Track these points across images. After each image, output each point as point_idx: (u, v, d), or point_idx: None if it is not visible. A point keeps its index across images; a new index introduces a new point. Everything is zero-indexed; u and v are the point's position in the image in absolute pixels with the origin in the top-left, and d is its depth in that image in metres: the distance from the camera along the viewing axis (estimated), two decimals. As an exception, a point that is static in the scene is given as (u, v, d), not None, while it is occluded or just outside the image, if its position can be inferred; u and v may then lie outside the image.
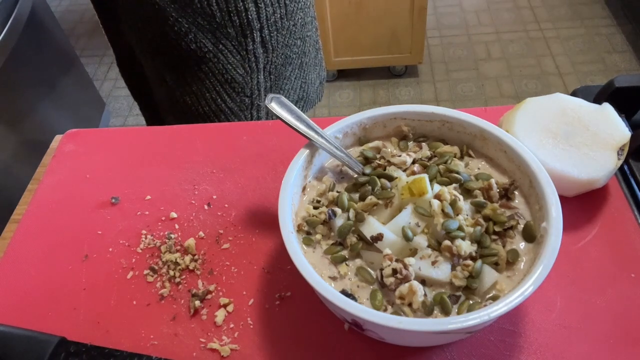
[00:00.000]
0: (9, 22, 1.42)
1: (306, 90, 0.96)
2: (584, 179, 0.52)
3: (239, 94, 0.84)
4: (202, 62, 0.80)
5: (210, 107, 0.85)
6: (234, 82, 0.83)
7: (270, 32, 0.80)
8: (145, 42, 0.82)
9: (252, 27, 0.77)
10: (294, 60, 0.88)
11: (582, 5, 2.53)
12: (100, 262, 0.56)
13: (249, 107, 0.87)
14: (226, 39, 0.78)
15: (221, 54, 0.79)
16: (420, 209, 0.46)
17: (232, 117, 0.87)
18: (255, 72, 0.83)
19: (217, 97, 0.84)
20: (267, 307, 0.51)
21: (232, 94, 0.84)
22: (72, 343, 0.47)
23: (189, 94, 0.85)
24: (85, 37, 2.62)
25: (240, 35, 0.78)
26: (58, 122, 1.69)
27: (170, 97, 0.88)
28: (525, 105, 0.58)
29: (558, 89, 2.13)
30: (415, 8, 1.96)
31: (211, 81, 0.82)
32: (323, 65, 1.02)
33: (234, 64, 0.81)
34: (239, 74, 0.82)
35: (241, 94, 0.84)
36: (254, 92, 0.85)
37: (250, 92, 0.85)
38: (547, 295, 0.49)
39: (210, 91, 0.83)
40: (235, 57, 0.80)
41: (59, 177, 0.65)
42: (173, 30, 0.76)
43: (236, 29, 0.77)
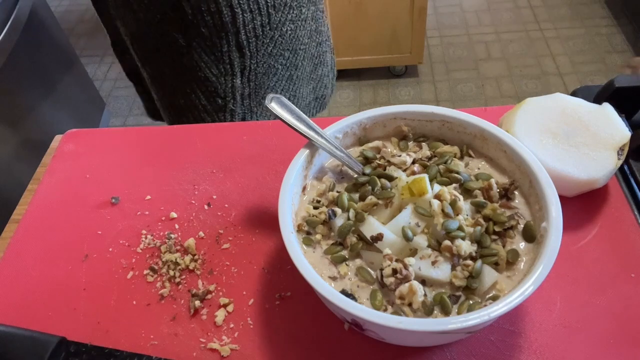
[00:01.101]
0: (9, 22, 1.42)
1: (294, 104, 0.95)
2: (584, 179, 0.52)
3: (212, 94, 0.83)
4: (176, 56, 0.79)
5: (185, 101, 0.84)
6: (207, 81, 0.82)
7: (248, 38, 0.78)
8: (126, 28, 0.82)
9: (226, 29, 0.76)
10: (280, 72, 0.86)
11: (582, 5, 2.53)
12: (100, 262, 0.56)
13: (222, 109, 0.85)
14: (200, 38, 0.77)
15: (195, 51, 0.78)
16: (420, 209, 0.46)
17: (204, 114, 0.86)
18: (230, 74, 0.81)
19: (191, 93, 0.83)
20: (267, 307, 0.51)
21: (205, 93, 0.83)
22: (72, 343, 0.47)
23: (167, 86, 0.85)
24: (85, 37, 2.62)
25: (214, 36, 0.76)
26: (58, 122, 1.69)
27: (152, 85, 0.89)
28: (525, 105, 0.58)
29: (558, 89, 2.13)
30: (415, 8, 1.96)
31: (185, 76, 0.82)
32: (324, 83, 1.00)
33: (208, 63, 0.79)
34: (212, 73, 0.81)
35: (214, 94, 0.83)
36: (227, 94, 0.83)
37: (224, 94, 0.83)
38: (547, 295, 0.49)
39: (185, 85, 0.83)
40: (210, 57, 0.79)
41: (59, 177, 0.65)
42: (148, 18, 0.76)
43: (210, 29, 0.76)
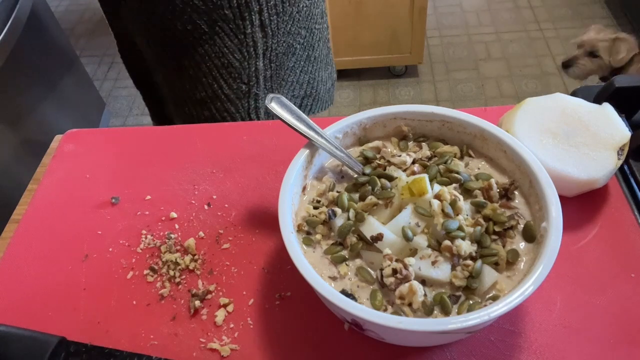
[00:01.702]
0: (9, 22, 1.42)
1: (316, 88, 0.93)
2: (584, 179, 0.52)
3: (235, 80, 0.82)
4: (198, 45, 0.77)
5: (207, 93, 0.83)
6: (230, 67, 0.80)
7: (270, 16, 0.77)
8: (142, 24, 0.80)
9: (250, 8, 0.75)
10: (299, 52, 0.85)
11: (582, 5, 2.53)
12: (100, 262, 0.56)
13: (246, 95, 0.84)
14: (223, 21, 0.75)
15: (217, 36, 0.77)
16: (420, 209, 0.46)
17: (228, 104, 0.84)
18: (253, 57, 0.80)
19: (214, 82, 0.81)
20: (267, 307, 0.51)
21: (228, 80, 0.81)
22: (72, 343, 0.47)
23: (186, 79, 0.83)
24: (85, 37, 2.62)
25: (238, 17, 0.75)
26: (58, 122, 1.69)
27: (168, 82, 0.87)
28: (525, 105, 0.58)
29: (558, 89, 2.13)
30: (415, 8, 1.96)
31: (207, 65, 0.80)
32: (334, 67, 1.00)
33: (231, 47, 0.78)
34: (236, 58, 0.79)
35: (238, 80, 0.82)
36: (251, 79, 0.82)
37: (248, 79, 0.82)
38: (547, 295, 0.49)
39: (207, 76, 0.81)
40: (233, 41, 0.77)
41: (59, 177, 0.65)
42: (168, 10, 0.74)
43: (234, 10, 0.74)
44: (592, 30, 1.65)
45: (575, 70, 1.63)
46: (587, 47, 1.60)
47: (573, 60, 1.63)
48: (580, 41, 1.64)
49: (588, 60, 1.61)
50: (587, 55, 1.61)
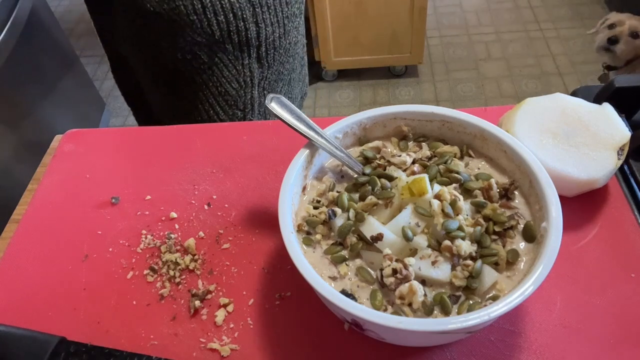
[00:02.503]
0: (9, 22, 1.42)
1: None
2: (584, 179, 0.52)
3: (231, 107, 0.84)
4: (196, 74, 0.79)
5: (202, 118, 0.85)
6: (227, 95, 0.82)
7: (267, 50, 0.80)
8: (140, 52, 0.81)
9: (250, 44, 0.78)
10: (284, 77, 0.88)
11: (582, 5, 2.53)
12: (100, 262, 0.56)
13: (241, 120, 0.86)
14: (223, 52, 0.77)
15: (216, 67, 0.79)
16: (420, 209, 0.46)
17: None
18: (249, 86, 0.83)
19: (210, 109, 0.84)
20: (267, 307, 0.51)
21: (224, 107, 0.84)
22: (72, 343, 0.47)
23: (183, 103, 0.85)
24: (85, 37, 2.62)
25: (237, 50, 0.77)
26: (58, 122, 1.69)
27: (163, 103, 0.88)
28: (525, 105, 0.58)
29: (558, 89, 2.13)
30: (415, 8, 1.96)
31: (204, 93, 0.82)
32: (306, 81, 1.03)
33: (229, 77, 0.80)
34: (232, 87, 0.82)
35: (234, 107, 0.84)
36: (247, 106, 0.85)
37: (243, 107, 0.85)
38: (547, 295, 0.49)
39: (204, 103, 0.83)
40: (231, 71, 0.80)
41: (59, 177, 0.65)
42: (167, 42, 0.76)
43: (234, 45, 0.77)
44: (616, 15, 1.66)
45: (622, 47, 1.63)
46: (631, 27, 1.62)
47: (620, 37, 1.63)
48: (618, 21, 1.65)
49: (630, 40, 1.62)
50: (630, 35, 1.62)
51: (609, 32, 1.65)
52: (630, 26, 1.62)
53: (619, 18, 1.65)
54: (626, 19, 1.63)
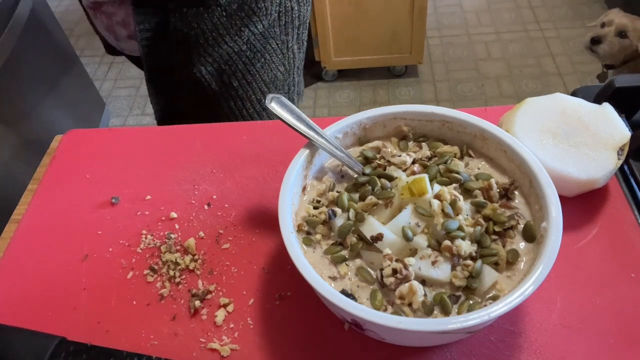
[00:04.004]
0: (9, 22, 1.42)
1: None
2: (584, 179, 0.52)
3: (279, 91, 0.87)
4: (250, 64, 0.80)
5: (255, 108, 0.86)
6: (276, 81, 0.85)
7: (303, 30, 0.83)
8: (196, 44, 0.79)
9: (293, 25, 0.80)
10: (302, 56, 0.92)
11: (582, 5, 2.53)
12: (100, 262, 0.56)
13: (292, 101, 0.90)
14: (272, 38, 0.79)
15: (267, 53, 0.81)
16: (420, 209, 0.46)
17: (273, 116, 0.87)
18: (292, 68, 0.86)
19: (262, 98, 0.85)
20: (267, 307, 0.51)
21: (273, 91, 0.86)
22: (72, 343, 0.47)
23: (234, 99, 0.84)
24: (85, 37, 2.62)
25: (283, 33, 0.80)
26: (58, 122, 1.69)
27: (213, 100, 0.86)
28: (525, 105, 0.58)
29: (558, 89, 2.13)
30: (415, 8, 1.96)
31: (257, 83, 0.83)
32: None
33: (277, 62, 0.83)
34: (280, 72, 0.84)
35: (281, 91, 0.87)
36: (290, 87, 0.88)
37: (288, 89, 0.88)
38: (547, 295, 0.49)
39: (256, 92, 0.84)
40: (278, 56, 0.82)
41: (59, 177, 0.65)
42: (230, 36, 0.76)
43: (281, 28, 0.79)
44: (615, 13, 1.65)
45: (605, 47, 1.62)
46: (619, 27, 1.60)
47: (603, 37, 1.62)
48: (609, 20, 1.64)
49: (617, 40, 1.60)
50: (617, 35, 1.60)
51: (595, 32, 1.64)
52: (617, 26, 1.60)
53: (610, 18, 1.64)
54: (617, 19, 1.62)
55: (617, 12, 1.66)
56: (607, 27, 1.63)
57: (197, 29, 0.75)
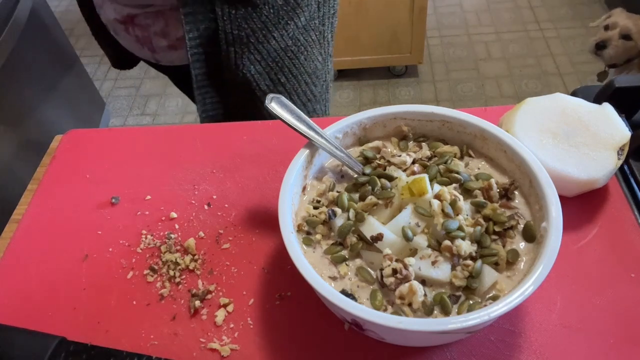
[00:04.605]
0: (9, 22, 1.42)
1: None
2: (584, 179, 0.52)
3: (319, 80, 0.88)
4: (295, 58, 0.81)
5: (301, 100, 0.87)
6: (317, 71, 0.86)
7: (335, 19, 0.84)
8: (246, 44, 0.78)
9: (329, 14, 0.81)
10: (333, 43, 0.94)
11: (582, 5, 2.53)
12: (100, 262, 0.56)
13: (325, 91, 0.92)
14: (312, 29, 0.80)
15: (309, 46, 0.81)
16: (420, 209, 0.46)
17: (315, 104, 0.90)
18: (328, 57, 0.87)
19: (307, 89, 0.86)
20: (267, 307, 0.51)
21: (315, 82, 0.87)
22: (72, 343, 0.47)
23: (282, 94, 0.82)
24: (85, 37, 2.62)
25: (320, 24, 0.80)
26: (58, 122, 1.69)
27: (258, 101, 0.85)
28: (525, 105, 0.58)
29: (558, 89, 2.13)
30: (415, 8, 1.96)
31: (302, 76, 0.84)
32: None
33: (316, 53, 0.84)
34: (319, 61, 0.85)
35: (321, 79, 0.88)
36: (327, 75, 0.89)
37: (324, 77, 0.89)
38: (547, 295, 0.49)
39: (302, 85, 0.85)
40: (317, 47, 0.83)
41: (59, 177, 0.65)
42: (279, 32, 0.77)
43: (319, 19, 0.80)
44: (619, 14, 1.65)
45: (610, 52, 1.61)
46: (623, 30, 1.60)
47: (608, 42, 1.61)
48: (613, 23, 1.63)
49: (621, 43, 1.60)
50: (621, 37, 1.60)
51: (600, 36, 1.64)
52: (622, 28, 1.60)
53: (615, 20, 1.64)
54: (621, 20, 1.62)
55: (620, 13, 1.65)
56: (611, 30, 1.62)
57: (247, 29, 0.74)
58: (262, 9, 0.73)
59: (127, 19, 0.79)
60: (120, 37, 0.85)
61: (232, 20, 0.73)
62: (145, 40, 0.82)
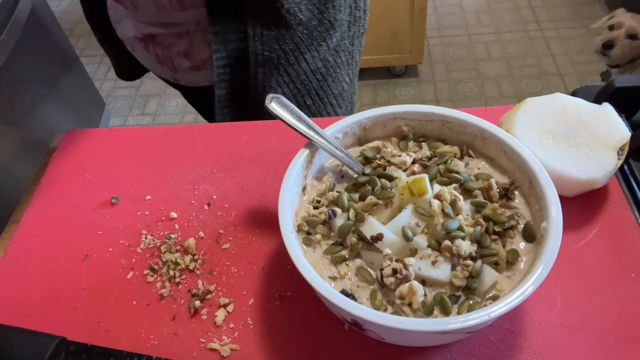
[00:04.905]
0: (9, 22, 1.42)
1: None
2: (584, 179, 0.52)
3: (345, 102, 0.85)
4: (324, 80, 0.79)
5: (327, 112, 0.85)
6: (343, 92, 0.83)
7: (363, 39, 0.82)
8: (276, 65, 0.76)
9: (359, 34, 0.79)
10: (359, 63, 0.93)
11: (582, 5, 2.53)
12: (100, 262, 0.56)
13: (349, 112, 0.89)
14: (342, 50, 0.78)
15: (338, 67, 0.79)
16: (420, 209, 0.46)
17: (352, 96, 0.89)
18: (355, 78, 0.85)
19: (331, 111, 0.83)
20: (267, 307, 0.51)
21: (341, 104, 0.84)
22: (72, 343, 0.47)
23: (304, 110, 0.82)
24: (85, 37, 2.62)
25: (350, 44, 0.78)
26: (58, 122, 1.69)
27: None
28: (525, 105, 0.58)
29: (558, 89, 2.13)
30: (415, 8, 1.96)
31: (329, 98, 0.81)
32: None
33: (344, 74, 0.81)
34: (346, 83, 0.82)
35: (346, 100, 0.86)
36: (353, 97, 0.87)
37: (351, 98, 0.86)
38: (547, 295, 0.49)
39: (327, 107, 0.82)
40: (345, 68, 0.80)
41: (59, 177, 0.65)
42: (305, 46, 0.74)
43: (350, 39, 0.78)
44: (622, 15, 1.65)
45: (617, 51, 1.61)
46: (629, 29, 1.60)
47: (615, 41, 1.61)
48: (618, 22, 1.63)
49: (628, 42, 1.60)
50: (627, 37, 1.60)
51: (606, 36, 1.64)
52: (628, 28, 1.60)
53: (620, 20, 1.64)
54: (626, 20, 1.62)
55: (624, 13, 1.65)
56: (617, 29, 1.63)
57: (278, 50, 0.72)
58: (295, 29, 0.71)
59: (147, 37, 0.77)
60: (138, 54, 0.82)
61: (264, 41, 0.71)
62: (166, 60, 0.79)
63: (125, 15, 0.78)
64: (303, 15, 0.70)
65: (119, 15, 0.79)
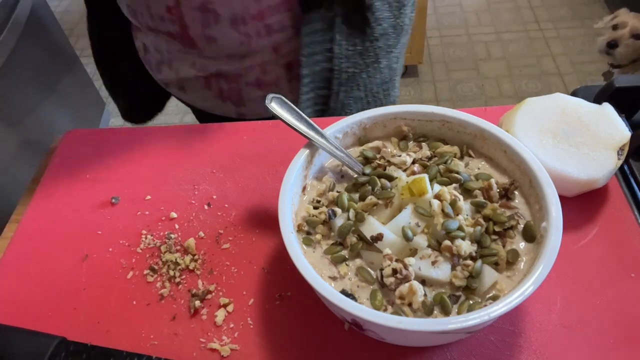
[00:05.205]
0: (9, 22, 1.42)
1: None
2: (584, 179, 0.52)
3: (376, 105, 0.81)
4: (387, 92, 0.77)
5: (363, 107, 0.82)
6: (395, 100, 0.81)
7: None
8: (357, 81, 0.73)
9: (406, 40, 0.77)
10: None
11: (582, 5, 2.53)
12: (100, 262, 0.56)
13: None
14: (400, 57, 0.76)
15: (396, 75, 0.77)
16: (420, 209, 0.46)
17: None
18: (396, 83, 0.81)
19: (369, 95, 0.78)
20: (267, 307, 0.51)
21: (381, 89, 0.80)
22: (72, 343, 0.47)
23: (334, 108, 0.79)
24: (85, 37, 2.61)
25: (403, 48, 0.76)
26: (58, 122, 1.69)
27: None
28: (525, 105, 0.58)
29: (558, 89, 2.13)
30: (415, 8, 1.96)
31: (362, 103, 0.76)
32: None
33: (398, 82, 0.79)
34: (397, 88, 0.80)
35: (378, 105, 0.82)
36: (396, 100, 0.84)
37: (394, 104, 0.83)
38: (547, 295, 0.49)
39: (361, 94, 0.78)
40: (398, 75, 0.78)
41: (59, 177, 0.65)
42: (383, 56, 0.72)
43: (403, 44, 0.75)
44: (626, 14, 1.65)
45: (621, 51, 1.62)
46: (633, 29, 1.61)
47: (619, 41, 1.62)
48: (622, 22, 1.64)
49: (632, 42, 1.61)
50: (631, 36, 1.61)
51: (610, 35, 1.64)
52: (632, 28, 1.61)
53: (623, 19, 1.64)
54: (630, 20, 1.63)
55: (627, 13, 1.66)
56: (621, 29, 1.63)
57: (361, 65, 0.69)
58: (378, 39, 0.69)
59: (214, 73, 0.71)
60: (190, 93, 0.76)
61: (349, 57, 0.68)
62: (231, 94, 0.73)
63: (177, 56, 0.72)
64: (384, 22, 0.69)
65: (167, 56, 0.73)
